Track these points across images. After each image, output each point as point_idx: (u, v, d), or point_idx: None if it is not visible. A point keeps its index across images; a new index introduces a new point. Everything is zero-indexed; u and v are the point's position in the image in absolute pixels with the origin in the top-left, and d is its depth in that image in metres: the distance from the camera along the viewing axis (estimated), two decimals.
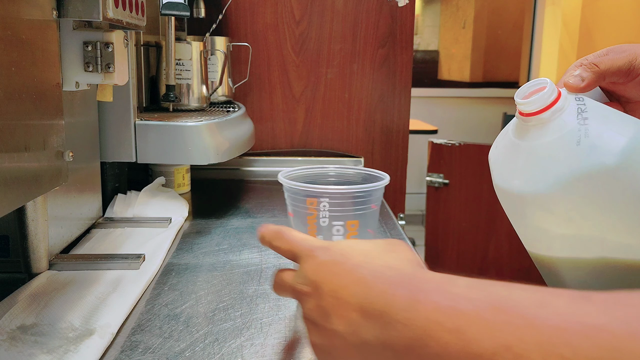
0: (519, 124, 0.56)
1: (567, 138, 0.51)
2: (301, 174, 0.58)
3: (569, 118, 0.52)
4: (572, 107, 0.52)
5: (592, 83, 0.54)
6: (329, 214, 0.53)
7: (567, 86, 0.54)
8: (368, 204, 0.54)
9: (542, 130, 0.53)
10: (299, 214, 0.55)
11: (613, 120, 0.51)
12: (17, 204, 0.45)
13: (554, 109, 0.52)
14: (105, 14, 0.54)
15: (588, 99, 0.53)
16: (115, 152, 0.86)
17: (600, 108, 0.52)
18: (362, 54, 1.30)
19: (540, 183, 0.53)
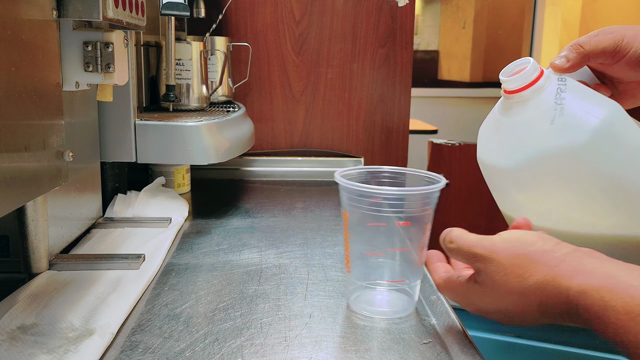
0: (503, 101, 0.57)
1: (543, 116, 0.52)
2: (354, 174, 0.59)
3: (547, 97, 0.53)
4: (553, 87, 0.53)
5: (577, 64, 0.54)
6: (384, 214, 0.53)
7: (552, 66, 0.55)
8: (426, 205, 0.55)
9: (521, 108, 0.55)
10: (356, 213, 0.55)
11: (590, 101, 0.52)
12: (17, 204, 0.44)
13: (534, 88, 0.54)
14: (105, 14, 0.54)
15: (571, 79, 0.54)
16: (115, 152, 0.86)
17: (581, 89, 0.53)
18: (362, 54, 1.30)
19: (514, 158, 0.55)
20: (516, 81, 0.54)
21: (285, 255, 0.73)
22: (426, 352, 0.49)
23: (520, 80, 0.54)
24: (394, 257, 0.56)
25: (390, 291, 0.58)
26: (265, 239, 0.80)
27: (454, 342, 0.51)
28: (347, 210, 0.56)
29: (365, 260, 0.57)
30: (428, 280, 0.66)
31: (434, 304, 0.59)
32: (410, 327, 0.54)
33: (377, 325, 0.54)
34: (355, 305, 0.58)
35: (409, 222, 0.54)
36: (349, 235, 0.56)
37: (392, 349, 0.50)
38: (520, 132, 0.54)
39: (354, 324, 0.54)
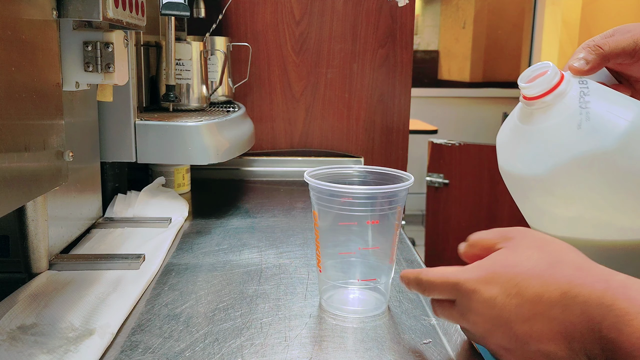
0: (522, 107, 0.56)
1: (569, 121, 0.51)
2: (326, 173, 0.58)
3: (571, 101, 0.52)
4: (575, 91, 0.52)
5: (596, 65, 0.53)
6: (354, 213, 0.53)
7: (571, 69, 0.54)
8: (394, 204, 0.54)
9: (544, 114, 0.53)
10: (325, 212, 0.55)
11: (615, 103, 0.51)
12: (17, 204, 0.45)
13: (556, 92, 0.52)
14: (105, 14, 0.54)
15: (592, 81, 0.53)
16: (115, 152, 0.86)
17: (604, 91, 0.52)
18: (362, 54, 1.30)
19: (542, 166, 0.53)
20: (537, 87, 0.53)
21: (285, 255, 0.73)
22: (426, 352, 0.49)
23: (541, 85, 0.53)
24: (365, 256, 0.56)
25: (363, 290, 0.58)
26: (265, 239, 0.80)
27: (454, 342, 0.51)
28: (317, 210, 0.56)
29: (336, 259, 0.57)
30: None
31: None
32: (410, 327, 0.54)
33: (378, 326, 0.54)
34: (328, 304, 0.58)
35: (379, 220, 0.54)
36: (319, 235, 0.56)
37: (392, 349, 0.50)
38: (546, 139, 0.53)
39: (355, 324, 0.54)
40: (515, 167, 0.56)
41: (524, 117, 0.56)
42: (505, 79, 4.18)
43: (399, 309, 0.58)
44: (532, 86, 0.53)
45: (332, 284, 0.58)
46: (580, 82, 0.53)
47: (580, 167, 0.51)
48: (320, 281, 0.59)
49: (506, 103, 3.92)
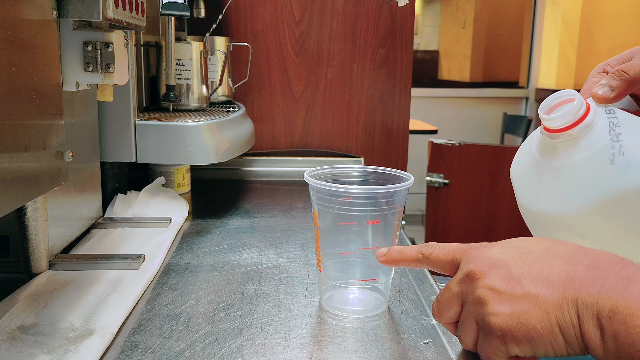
0: (544, 140, 0.52)
1: (600, 156, 0.47)
2: (326, 173, 0.58)
3: (600, 134, 0.48)
4: (603, 121, 0.48)
5: (623, 92, 0.50)
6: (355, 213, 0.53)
7: (595, 97, 0.50)
8: (394, 204, 0.54)
9: (571, 148, 0.49)
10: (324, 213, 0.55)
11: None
12: (17, 204, 0.45)
13: (583, 124, 0.48)
14: (105, 14, 0.54)
15: (619, 110, 0.49)
16: (115, 152, 0.86)
17: (634, 120, 0.48)
18: (362, 54, 1.30)
19: (570, 205, 0.49)
20: (562, 119, 0.48)
21: (285, 255, 0.73)
22: (426, 352, 0.49)
23: (567, 117, 0.48)
24: (365, 256, 0.56)
25: (362, 290, 0.58)
26: (265, 239, 0.80)
27: (454, 342, 0.51)
28: (317, 210, 0.56)
29: (336, 259, 0.57)
30: (428, 280, 0.66)
31: None
32: (410, 327, 0.54)
33: (378, 326, 0.54)
34: (328, 304, 0.58)
35: (379, 220, 0.54)
36: (319, 235, 0.56)
37: (392, 349, 0.50)
38: (575, 175, 0.49)
39: (355, 324, 0.54)
40: (539, 206, 0.52)
41: (547, 151, 0.51)
42: (505, 79, 4.19)
43: (399, 309, 0.58)
44: (556, 118, 0.49)
45: (332, 284, 0.58)
46: (607, 111, 0.49)
47: (615, 206, 0.47)
48: (320, 281, 0.59)
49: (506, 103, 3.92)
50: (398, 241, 0.57)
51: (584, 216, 0.49)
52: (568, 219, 0.50)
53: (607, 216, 0.48)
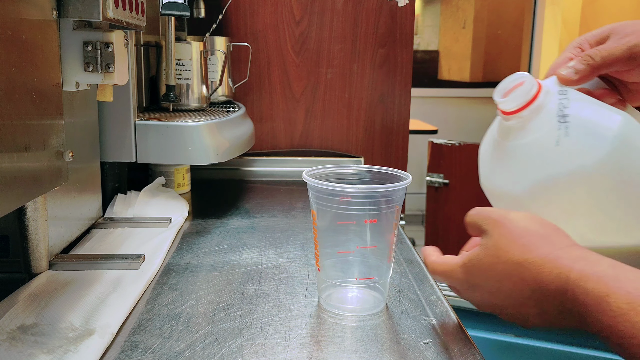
0: (500, 121, 0.54)
1: (547, 137, 0.49)
2: (324, 172, 0.58)
3: (548, 116, 0.49)
4: (553, 104, 0.49)
5: (587, 77, 0.51)
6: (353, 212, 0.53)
7: (558, 77, 0.51)
8: (392, 203, 0.54)
9: (522, 130, 0.51)
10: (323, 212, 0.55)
11: (597, 117, 0.48)
12: (17, 204, 0.44)
13: (532, 107, 0.50)
14: (105, 14, 0.54)
15: (574, 91, 0.50)
16: (115, 152, 0.86)
17: (585, 102, 0.49)
18: (362, 54, 1.30)
19: (521, 184, 0.51)
20: (512, 102, 0.50)
21: (285, 255, 0.73)
22: (426, 352, 0.49)
23: (517, 100, 0.50)
24: (363, 255, 0.56)
25: (361, 289, 0.58)
26: (265, 239, 0.80)
27: (454, 342, 0.51)
28: (315, 209, 0.56)
29: (334, 258, 0.57)
30: (428, 280, 0.66)
31: (434, 304, 0.59)
32: (410, 327, 0.54)
33: (378, 326, 0.54)
34: (327, 303, 0.58)
35: (377, 219, 0.54)
36: (318, 234, 0.56)
37: (392, 349, 0.50)
38: (525, 156, 0.50)
39: (354, 324, 0.54)
40: (495, 185, 0.54)
41: (503, 132, 0.53)
42: None
43: (399, 309, 0.58)
44: (507, 101, 0.50)
45: (330, 283, 0.58)
46: (560, 92, 0.50)
47: (561, 185, 0.49)
48: (318, 280, 0.59)
49: None
50: (397, 241, 0.57)
51: (534, 196, 0.50)
52: (519, 199, 0.51)
53: (554, 196, 0.49)
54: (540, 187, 0.50)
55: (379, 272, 0.57)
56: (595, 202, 0.49)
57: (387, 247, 0.56)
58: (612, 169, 0.47)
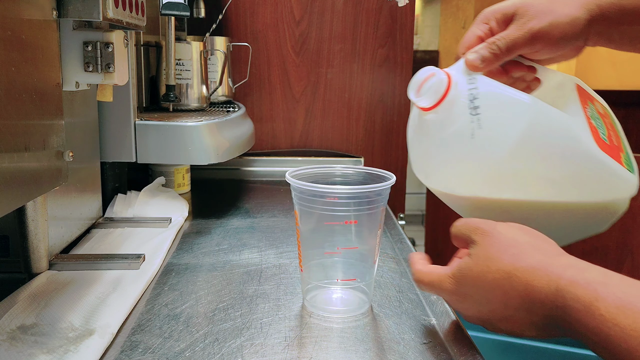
0: (419, 114, 0.55)
1: (462, 131, 0.50)
2: (308, 173, 0.58)
3: (461, 109, 0.50)
4: (464, 96, 0.51)
5: (492, 64, 0.52)
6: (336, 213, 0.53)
7: (466, 61, 0.52)
8: (376, 204, 0.54)
9: (438, 124, 0.52)
10: (306, 213, 0.55)
11: (507, 103, 0.50)
12: (17, 204, 0.44)
13: (445, 103, 0.51)
14: (105, 14, 0.54)
15: (481, 78, 0.51)
16: (115, 152, 0.86)
17: (494, 89, 0.51)
18: (362, 54, 1.30)
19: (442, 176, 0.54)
20: (425, 100, 0.52)
21: (285, 255, 0.73)
22: (426, 352, 0.49)
23: (430, 98, 0.52)
24: (346, 256, 0.56)
25: (345, 290, 0.58)
26: (265, 239, 0.80)
27: (454, 342, 0.51)
28: (298, 210, 0.56)
29: (318, 259, 0.56)
30: None
31: (434, 304, 0.59)
32: (410, 327, 0.54)
33: (378, 326, 0.54)
34: (311, 305, 0.57)
35: (360, 220, 0.54)
36: (300, 235, 0.56)
37: (392, 349, 0.50)
38: (445, 150, 0.53)
39: (354, 324, 0.54)
40: (420, 174, 0.57)
41: (421, 125, 0.55)
42: None
43: (399, 309, 0.58)
44: (420, 99, 0.52)
45: (314, 285, 0.57)
46: (469, 81, 0.51)
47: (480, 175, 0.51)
48: (302, 281, 0.58)
49: None
50: (397, 241, 0.57)
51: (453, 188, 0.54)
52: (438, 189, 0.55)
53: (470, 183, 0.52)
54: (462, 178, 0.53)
55: (363, 274, 0.56)
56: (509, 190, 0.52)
57: (371, 248, 0.56)
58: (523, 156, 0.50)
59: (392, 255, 0.75)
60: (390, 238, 0.82)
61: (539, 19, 0.51)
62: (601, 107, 0.58)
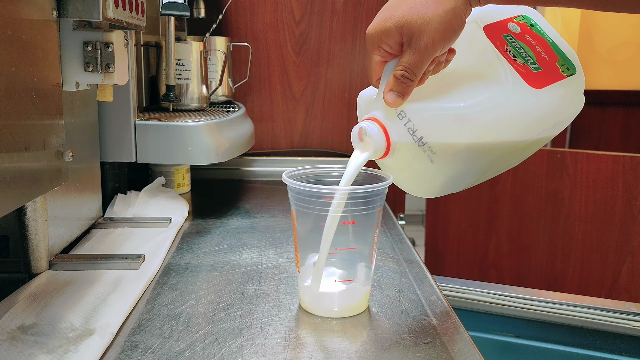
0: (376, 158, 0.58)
1: (420, 162, 0.54)
2: (305, 173, 0.58)
3: (408, 148, 0.53)
4: (405, 136, 0.53)
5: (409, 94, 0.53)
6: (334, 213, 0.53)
7: (387, 103, 0.53)
8: (372, 204, 0.54)
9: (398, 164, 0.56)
10: (303, 213, 0.55)
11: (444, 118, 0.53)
12: (17, 204, 0.45)
13: (391, 152, 0.54)
14: (105, 13, 0.54)
15: (407, 107, 0.53)
16: (115, 152, 0.86)
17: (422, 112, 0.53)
18: (362, 54, 1.30)
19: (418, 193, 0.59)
20: (374, 156, 0.55)
21: (285, 255, 0.73)
22: (426, 352, 0.49)
23: (376, 155, 0.55)
24: (343, 256, 0.56)
25: (342, 290, 0.56)
26: (265, 239, 0.80)
27: (454, 342, 0.51)
28: (295, 210, 0.55)
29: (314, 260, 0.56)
30: (428, 280, 0.66)
31: (434, 304, 0.59)
32: (411, 327, 0.54)
33: (378, 326, 0.54)
34: (307, 306, 0.57)
35: (358, 221, 0.54)
36: (297, 236, 0.56)
37: (392, 349, 0.50)
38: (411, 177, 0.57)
39: (354, 324, 0.54)
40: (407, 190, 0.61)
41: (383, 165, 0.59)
42: None
43: (398, 309, 0.58)
44: (369, 156, 0.55)
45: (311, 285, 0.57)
46: (400, 115, 0.53)
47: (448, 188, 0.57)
48: (300, 282, 0.58)
49: None
50: (397, 241, 0.57)
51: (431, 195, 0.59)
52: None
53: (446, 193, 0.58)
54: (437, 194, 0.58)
55: (360, 274, 0.56)
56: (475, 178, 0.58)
57: (368, 248, 0.56)
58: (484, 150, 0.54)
59: (392, 255, 0.75)
60: (390, 238, 0.82)
61: (427, 33, 0.50)
62: (517, 26, 0.60)
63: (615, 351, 0.99)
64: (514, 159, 0.60)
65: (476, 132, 0.52)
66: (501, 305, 1.03)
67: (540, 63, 0.56)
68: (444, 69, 0.55)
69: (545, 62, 0.57)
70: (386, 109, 0.54)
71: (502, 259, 1.60)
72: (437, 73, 0.55)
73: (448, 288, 1.05)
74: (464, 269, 1.63)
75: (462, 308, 1.05)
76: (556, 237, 1.44)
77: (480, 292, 1.03)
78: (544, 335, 1.03)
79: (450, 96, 0.54)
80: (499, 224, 1.60)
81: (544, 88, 0.55)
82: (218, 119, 0.94)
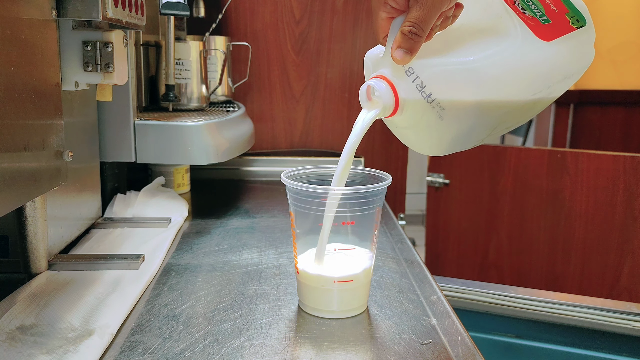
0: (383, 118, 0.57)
1: (429, 119, 0.53)
2: (303, 174, 0.58)
3: (417, 104, 0.52)
4: (412, 91, 0.52)
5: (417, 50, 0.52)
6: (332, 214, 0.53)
7: (395, 60, 0.52)
8: (371, 204, 0.54)
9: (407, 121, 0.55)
10: (301, 214, 0.54)
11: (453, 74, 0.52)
12: (16, 204, 0.44)
13: (400, 109, 0.53)
14: (105, 13, 0.54)
15: (415, 64, 0.52)
16: (114, 152, 0.86)
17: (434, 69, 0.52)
18: (362, 53, 1.30)
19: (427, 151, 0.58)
20: (382, 113, 0.54)
21: (285, 255, 0.73)
22: (426, 353, 0.49)
23: (385, 112, 0.54)
24: (342, 256, 0.56)
25: (341, 291, 0.56)
26: (265, 239, 0.80)
27: (454, 343, 0.51)
28: (293, 211, 0.55)
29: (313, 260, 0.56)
30: (428, 280, 0.66)
31: (434, 305, 0.59)
32: (411, 327, 0.54)
33: (378, 326, 0.54)
34: (306, 306, 0.57)
35: (357, 221, 0.54)
36: (296, 236, 0.56)
37: (393, 349, 0.50)
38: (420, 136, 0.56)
39: (354, 324, 0.54)
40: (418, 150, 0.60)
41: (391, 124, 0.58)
42: None
43: (399, 309, 0.58)
44: (377, 114, 0.54)
45: (309, 286, 0.57)
46: (408, 72, 0.52)
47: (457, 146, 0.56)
48: (298, 283, 0.58)
49: None
50: (397, 241, 0.57)
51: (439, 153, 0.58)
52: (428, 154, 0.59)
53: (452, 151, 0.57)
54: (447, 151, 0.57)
55: (360, 274, 0.56)
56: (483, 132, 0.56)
57: (367, 248, 0.56)
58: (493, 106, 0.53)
59: (392, 255, 0.75)
60: (390, 238, 0.82)
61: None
62: None
63: (616, 351, 0.99)
64: (523, 115, 0.58)
65: (486, 86, 0.51)
66: (501, 306, 1.02)
67: (550, 15, 0.55)
68: (451, 24, 0.54)
69: (555, 14, 0.55)
70: (394, 66, 0.53)
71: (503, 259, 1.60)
72: (444, 29, 0.54)
73: (448, 288, 1.05)
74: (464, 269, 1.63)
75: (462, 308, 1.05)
76: (557, 237, 1.44)
77: (480, 292, 1.03)
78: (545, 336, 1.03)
79: (458, 51, 0.53)
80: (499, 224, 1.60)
81: (553, 40, 0.54)
82: (218, 118, 0.94)
